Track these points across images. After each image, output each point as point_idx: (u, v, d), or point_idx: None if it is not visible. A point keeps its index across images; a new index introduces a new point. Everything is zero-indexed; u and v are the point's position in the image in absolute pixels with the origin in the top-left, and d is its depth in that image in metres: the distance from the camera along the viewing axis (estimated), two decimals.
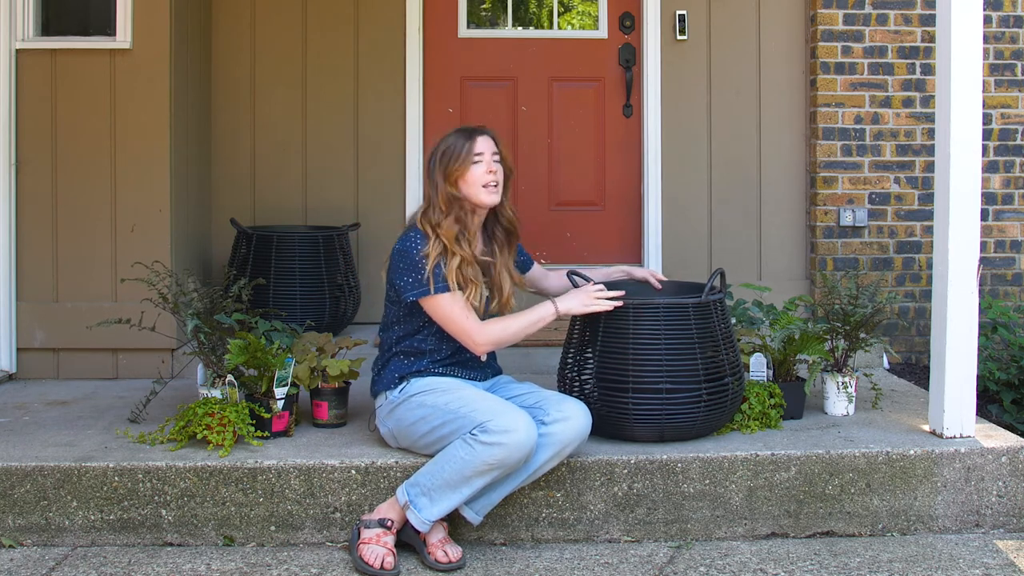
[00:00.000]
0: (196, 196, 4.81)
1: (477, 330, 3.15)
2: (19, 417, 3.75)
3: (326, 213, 5.08)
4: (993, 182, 5.08)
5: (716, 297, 3.38)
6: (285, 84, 5.09)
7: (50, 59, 4.40)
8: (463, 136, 3.25)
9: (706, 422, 3.32)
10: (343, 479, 3.15)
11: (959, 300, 3.37)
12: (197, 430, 3.25)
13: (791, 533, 3.24)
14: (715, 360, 3.32)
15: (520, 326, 3.18)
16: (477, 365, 3.30)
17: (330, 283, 4.67)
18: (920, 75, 5.03)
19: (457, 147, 3.22)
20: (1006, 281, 5.10)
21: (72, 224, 4.40)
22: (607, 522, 3.20)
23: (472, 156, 3.21)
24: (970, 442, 3.34)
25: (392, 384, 3.23)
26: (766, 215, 5.16)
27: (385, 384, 3.25)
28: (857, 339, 3.73)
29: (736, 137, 5.15)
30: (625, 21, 5.22)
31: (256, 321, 3.67)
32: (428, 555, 2.98)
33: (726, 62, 5.15)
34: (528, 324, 3.18)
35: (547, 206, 5.25)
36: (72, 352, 4.41)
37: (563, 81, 5.26)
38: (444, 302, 3.13)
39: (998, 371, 4.52)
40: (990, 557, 3.08)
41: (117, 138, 4.39)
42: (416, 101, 5.13)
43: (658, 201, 5.14)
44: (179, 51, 4.50)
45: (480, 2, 5.34)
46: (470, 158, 3.21)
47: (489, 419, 2.93)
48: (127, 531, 3.14)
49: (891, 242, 5.05)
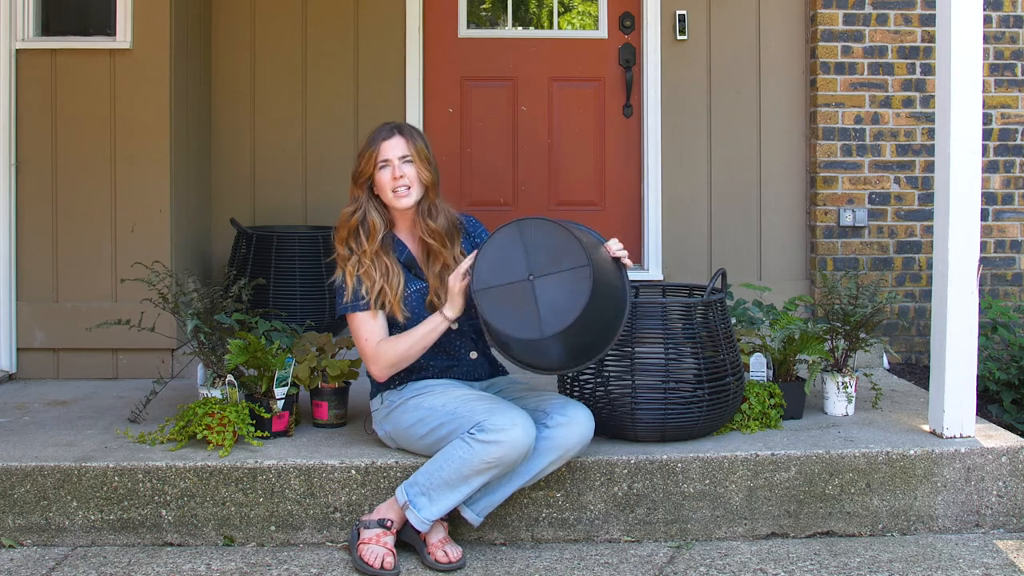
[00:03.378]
0: (196, 196, 4.81)
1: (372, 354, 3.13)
2: (19, 417, 3.75)
3: (326, 213, 5.07)
4: (993, 182, 5.08)
5: (717, 297, 3.38)
6: (285, 84, 5.09)
7: (50, 59, 4.40)
8: (373, 140, 3.22)
9: (706, 422, 3.32)
10: (343, 479, 3.15)
11: (959, 300, 3.37)
12: (197, 430, 3.25)
13: (791, 533, 3.24)
14: (715, 360, 3.32)
15: (410, 342, 3.11)
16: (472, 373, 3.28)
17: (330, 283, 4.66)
18: (920, 75, 5.03)
19: (365, 151, 3.22)
20: (1006, 281, 5.10)
21: (72, 224, 4.40)
22: (607, 522, 3.20)
23: (376, 162, 3.19)
24: (970, 442, 3.34)
25: (389, 386, 3.23)
26: (766, 215, 5.16)
27: (382, 386, 3.25)
28: (857, 339, 3.73)
29: (736, 137, 5.15)
30: (625, 21, 5.22)
31: (256, 321, 3.67)
32: (428, 555, 2.98)
33: (726, 62, 5.15)
34: (419, 338, 3.11)
35: (547, 206, 5.25)
36: (72, 352, 4.41)
37: (563, 81, 5.26)
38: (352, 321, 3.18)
39: (998, 371, 4.52)
40: (990, 557, 3.08)
41: (117, 138, 4.39)
42: (416, 101, 5.13)
43: (658, 201, 5.13)
44: (179, 51, 4.50)
45: (480, 2, 5.34)
46: (374, 164, 3.19)
47: (486, 418, 2.93)
48: (127, 531, 3.14)
49: (891, 242, 5.05)
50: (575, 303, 2.85)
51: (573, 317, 2.85)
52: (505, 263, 2.93)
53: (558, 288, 2.88)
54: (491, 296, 2.92)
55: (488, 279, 2.93)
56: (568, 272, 2.89)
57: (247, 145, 5.09)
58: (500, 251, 2.94)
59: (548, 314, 2.87)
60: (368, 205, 3.22)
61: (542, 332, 2.87)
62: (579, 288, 2.86)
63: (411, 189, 3.19)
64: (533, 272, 2.91)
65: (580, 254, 2.88)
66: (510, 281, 2.92)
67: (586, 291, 2.85)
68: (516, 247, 2.93)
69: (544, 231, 2.93)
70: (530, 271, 2.91)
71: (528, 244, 2.93)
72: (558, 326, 2.86)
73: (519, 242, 2.93)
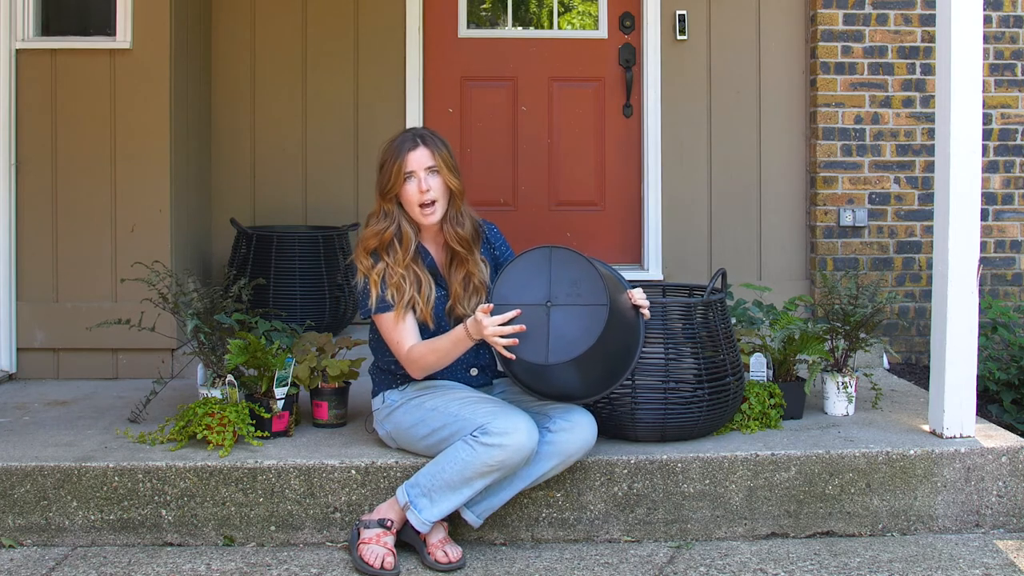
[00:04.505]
0: (196, 196, 4.81)
1: (405, 359, 3.11)
2: (19, 417, 3.75)
3: (326, 213, 5.08)
4: (993, 182, 5.08)
5: (717, 297, 3.38)
6: (285, 84, 5.09)
7: (50, 59, 4.40)
8: (397, 150, 3.16)
9: (706, 422, 3.32)
10: (343, 479, 3.15)
11: (959, 300, 3.37)
12: (197, 430, 3.25)
13: (791, 533, 3.24)
14: (715, 360, 3.32)
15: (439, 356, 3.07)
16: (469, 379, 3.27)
17: (330, 283, 4.67)
18: (920, 75, 5.03)
19: (389, 163, 3.16)
20: (1006, 281, 5.10)
21: (72, 224, 4.40)
22: (607, 522, 3.20)
23: (403, 174, 3.14)
24: (970, 442, 3.34)
25: (391, 385, 3.23)
26: (766, 215, 5.16)
27: (384, 386, 3.25)
28: (857, 339, 3.73)
29: (736, 137, 5.16)
30: (625, 21, 5.22)
31: (256, 321, 3.67)
32: (428, 555, 2.98)
33: (726, 62, 5.15)
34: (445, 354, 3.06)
35: (547, 206, 5.25)
36: (72, 352, 4.41)
37: (563, 81, 5.26)
38: (381, 323, 3.15)
39: (998, 371, 4.52)
40: (990, 557, 3.08)
41: (117, 138, 4.39)
42: (416, 101, 5.13)
43: (658, 201, 5.14)
44: (179, 51, 4.50)
45: (480, 2, 5.34)
46: (401, 175, 3.14)
47: (490, 420, 2.92)
48: (127, 531, 3.14)
49: (891, 242, 5.05)
50: (585, 340, 2.87)
51: (579, 352, 2.87)
52: (527, 284, 2.93)
53: (572, 321, 2.89)
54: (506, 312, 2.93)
55: (507, 295, 2.94)
56: (585, 308, 2.90)
57: (247, 145, 5.09)
58: (525, 272, 2.95)
59: (557, 343, 2.88)
60: (400, 218, 3.19)
61: (546, 359, 2.89)
62: (592, 326, 2.87)
63: (436, 204, 3.16)
64: (552, 299, 2.91)
65: (602, 293, 2.89)
66: (527, 303, 2.92)
67: (597, 331, 2.87)
68: (541, 272, 2.94)
69: (572, 262, 2.94)
70: (549, 297, 2.92)
71: (554, 271, 2.93)
72: (563, 357, 2.88)
73: (545, 267, 2.94)
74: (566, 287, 2.92)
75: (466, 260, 3.22)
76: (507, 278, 2.96)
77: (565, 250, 2.97)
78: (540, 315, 2.91)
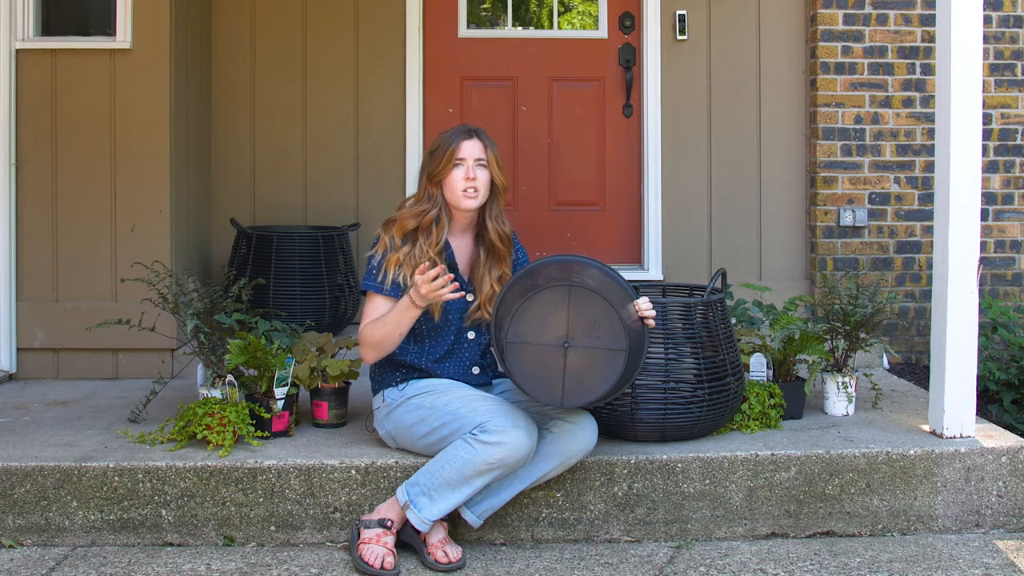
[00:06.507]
0: (196, 196, 4.81)
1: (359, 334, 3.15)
2: (19, 417, 3.75)
3: (326, 213, 5.08)
4: (993, 182, 5.08)
5: (717, 297, 3.38)
6: (285, 84, 5.09)
7: (50, 59, 4.40)
8: (451, 139, 3.22)
9: (706, 422, 3.32)
10: (343, 479, 3.15)
11: (959, 300, 3.37)
12: (197, 430, 3.25)
13: (791, 533, 3.24)
14: (715, 360, 3.32)
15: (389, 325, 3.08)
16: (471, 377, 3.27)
17: (330, 283, 4.67)
18: (920, 75, 5.03)
19: (441, 149, 3.21)
20: (1006, 281, 5.10)
21: (72, 224, 4.40)
22: (607, 522, 3.20)
23: (454, 160, 3.18)
24: (970, 442, 3.34)
25: (391, 384, 3.23)
26: (766, 215, 5.16)
27: (384, 385, 3.25)
28: (857, 339, 3.73)
29: (736, 137, 5.16)
30: (625, 21, 5.22)
31: (256, 321, 3.67)
32: (428, 555, 2.98)
33: (726, 62, 5.15)
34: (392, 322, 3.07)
35: (547, 206, 5.25)
36: (72, 352, 4.41)
37: (563, 81, 5.26)
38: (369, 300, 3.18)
39: (998, 371, 4.52)
40: (990, 557, 3.08)
41: (117, 138, 4.39)
42: (416, 101, 5.13)
43: (658, 201, 5.14)
44: (179, 51, 4.50)
45: (480, 2, 5.34)
46: (452, 161, 3.18)
47: (489, 419, 2.93)
48: (127, 531, 3.14)
49: (891, 242, 5.05)
50: (601, 384, 2.89)
51: (595, 397, 2.89)
52: (544, 321, 2.91)
53: (589, 363, 2.89)
54: (522, 352, 2.92)
55: (523, 333, 2.92)
56: (603, 351, 2.89)
57: (247, 145, 5.09)
58: (543, 308, 2.92)
59: (572, 386, 2.89)
60: (443, 204, 3.22)
61: (562, 402, 2.91)
62: (609, 371, 2.88)
63: (478, 192, 3.20)
64: (569, 340, 2.90)
65: (621, 337, 2.89)
66: (544, 343, 2.91)
67: (614, 376, 2.87)
68: (560, 309, 2.91)
69: (593, 303, 2.90)
70: (567, 338, 2.90)
71: (572, 309, 2.91)
72: (578, 401, 2.91)
73: (564, 305, 2.91)
74: (584, 328, 2.90)
75: (504, 259, 3.26)
76: (523, 315, 2.92)
77: (583, 289, 2.92)
78: (556, 356, 2.90)
